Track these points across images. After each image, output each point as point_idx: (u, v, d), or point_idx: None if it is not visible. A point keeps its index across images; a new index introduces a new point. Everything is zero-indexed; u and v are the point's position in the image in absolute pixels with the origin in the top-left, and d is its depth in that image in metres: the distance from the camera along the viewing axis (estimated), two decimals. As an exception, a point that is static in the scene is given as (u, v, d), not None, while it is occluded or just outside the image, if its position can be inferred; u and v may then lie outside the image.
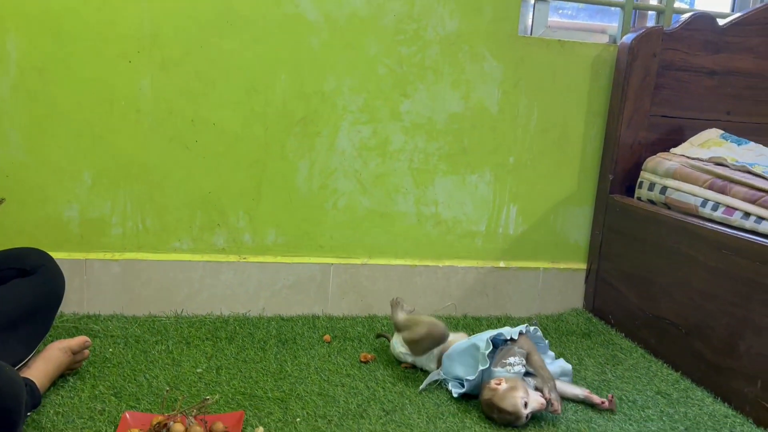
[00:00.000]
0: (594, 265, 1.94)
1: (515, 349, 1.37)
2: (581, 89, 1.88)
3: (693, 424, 1.34)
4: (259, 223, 1.78)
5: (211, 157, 1.72)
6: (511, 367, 1.34)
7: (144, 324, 1.66)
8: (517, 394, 1.26)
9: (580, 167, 1.93)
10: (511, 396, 1.26)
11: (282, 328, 1.69)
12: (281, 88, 1.72)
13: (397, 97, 1.79)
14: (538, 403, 1.27)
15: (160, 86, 1.67)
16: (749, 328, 1.39)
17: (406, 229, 1.87)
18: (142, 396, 1.29)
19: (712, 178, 1.60)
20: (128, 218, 1.72)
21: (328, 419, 1.25)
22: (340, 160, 1.79)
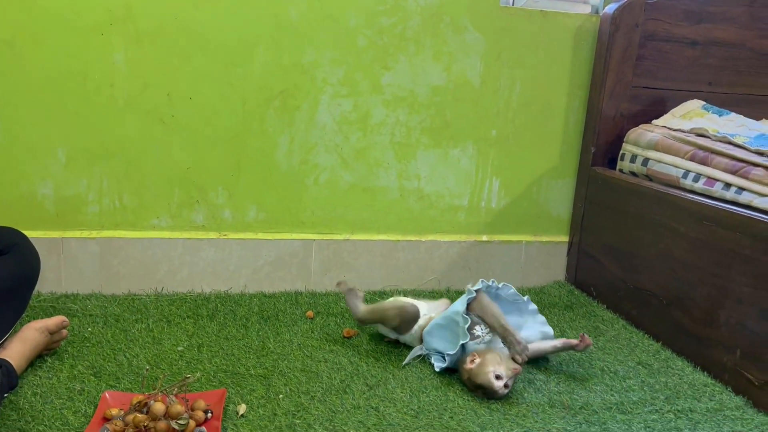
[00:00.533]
0: (576, 237, 1.95)
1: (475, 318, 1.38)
2: (564, 61, 1.87)
3: (673, 393, 1.35)
4: (239, 199, 1.75)
5: (188, 132, 1.69)
6: (480, 339, 1.35)
7: (123, 302, 1.64)
8: (488, 369, 1.27)
9: (563, 140, 1.92)
10: (483, 373, 1.27)
11: (264, 305, 1.68)
12: (259, 61, 1.68)
13: (378, 70, 1.76)
14: (511, 371, 1.27)
15: (134, 60, 1.62)
16: (729, 298, 1.40)
17: (388, 204, 1.86)
18: (122, 375, 1.28)
19: (694, 150, 1.60)
20: (105, 195, 1.69)
21: (311, 395, 1.25)
22: (320, 135, 1.76)
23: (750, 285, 1.35)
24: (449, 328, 1.39)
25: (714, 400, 1.33)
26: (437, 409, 1.23)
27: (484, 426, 1.19)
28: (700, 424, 1.24)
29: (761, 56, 1.89)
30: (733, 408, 1.31)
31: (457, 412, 1.23)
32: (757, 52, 1.88)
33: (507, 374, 1.27)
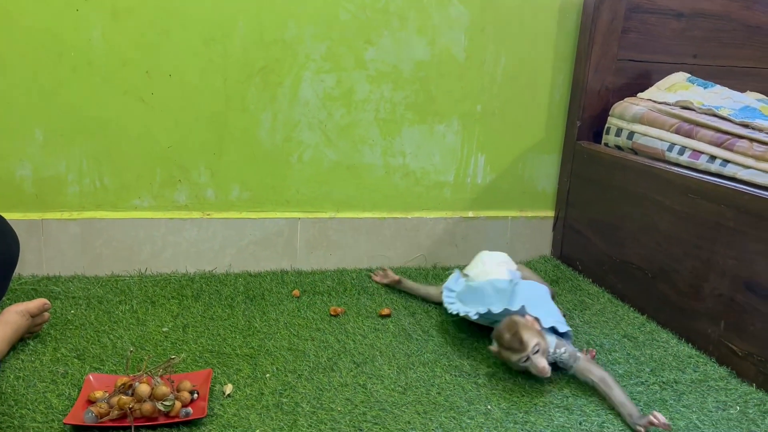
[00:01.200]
0: (562, 212, 1.95)
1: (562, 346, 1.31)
2: (548, 34, 1.85)
3: (658, 365, 1.36)
4: (221, 178, 1.73)
5: (168, 110, 1.66)
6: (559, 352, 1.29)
7: (106, 284, 1.62)
8: (539, 339, 1.24)
9: (548, 114, 1.91)
10: (533, 336, 1.24)
11: (250, 285, 1.67)
12: (240, 36, 1.65)
13: (361, 45, 1.73)
14: (540, 364, 1.22)
15: (111, 36, 1.58)
16: (713, 270, 1.41)
17: (373, 181, 1.84)
18: (106, 357, 1.26)
19: (679, 122, 1.59)
20: (85, 176, 1.66)
21: (298, 374, 1.24)
22: (303, 112, 1.74)
23: (734, 257, 1.36)
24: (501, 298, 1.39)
25: (698, 371, 1.35)
26: (425, 385, 1.23)
27: (471, 401, 1.19)
28: (685, 395, 1.25)
29: (746, 28, 1.88)
30: (717, 378, 1.32)
31: (444, 388, 1.23)
32: (742, 24, 1.87)
33: (538, 359, 1.23)
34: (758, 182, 1.36)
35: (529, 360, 1.23)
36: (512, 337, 1.25)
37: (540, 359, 1.23)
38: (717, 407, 1.21)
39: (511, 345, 1.24)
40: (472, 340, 1.44)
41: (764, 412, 1.20)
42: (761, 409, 1.21)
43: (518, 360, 1.24)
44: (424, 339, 1.43)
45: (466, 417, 1.14)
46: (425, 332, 1.46)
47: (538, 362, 1.22)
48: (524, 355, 1.23)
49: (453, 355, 1.36)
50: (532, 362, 1.23)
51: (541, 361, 1.22)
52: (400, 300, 1.63)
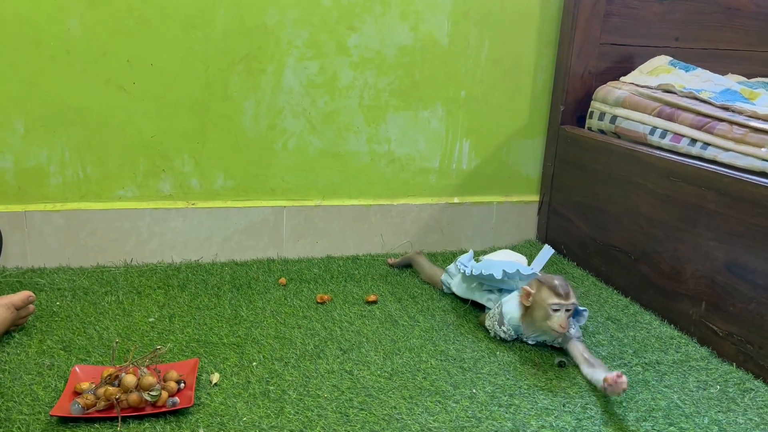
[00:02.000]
0: (546, 196, 1.96)
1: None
2: (532, 18, 1.84)
3: (641, 346, 1.38)
4: (205, 167, 1.72)
5: (150, 99, 1.64)
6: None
7: (92, 275, 1.61)
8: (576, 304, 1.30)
9: (532, 99, 1.92)
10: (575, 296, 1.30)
11: (236, 274, 1.67)
12: (221, 23, 1.63)
13: (344, 31, 1.72)
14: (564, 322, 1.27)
15: (90, 25, 1.56)
16: (695, 252, 1.43)
17: (359, 168, 1.84)
18: (92, 349, 1.26)
19: (661, 106, 1.60)
20: (67, 167, 1.64)
21: (284, 361, 1.25)
22: (287, 99, 1.73)
23: (715, 239, 1.37)
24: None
25: (680, 351, 1.37)
26: (411, 371, 1.24)
27: (457, 385, 1.20)
28: (667, 375, 1.27)
29: (727, 10, 1.89)
30: (699, 359, 1.34)
31: (430, 373, 1.24)
32: (723, 6, 1.88)
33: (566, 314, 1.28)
34: (738, 165, 1.37)
35: (559, 312, 1.28)
36: (562, 283, 1.30)
37: (566, 318, 1.28)
38: (698, 387, 1.24)
39: (557, 289, 1.29)
40: (458, 324, 1.45)
41: (744, 391, 1.23)
42: (741, 388, 1.23)
43: (552, 305, 1.28)
44: (410, 325, 1.44)
45: (451, 401, 1.15)
46: (411, 318, 1.47)
47: (563, 318, 1.28)
48: (562, 304, 1.28)
49: (439, 340, 1.38)
50: (560, 315, 1.28)
51: (565, 319, 1.28)
52: (387, 287, 1.64)
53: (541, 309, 1.30)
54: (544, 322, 1.30)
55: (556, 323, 1.28)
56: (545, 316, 1.29)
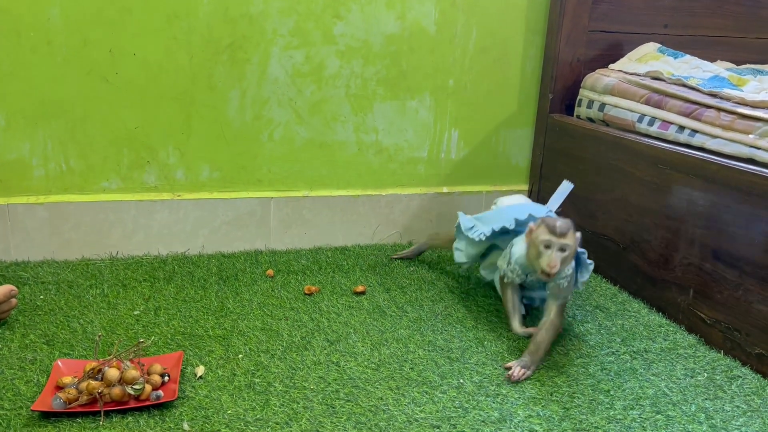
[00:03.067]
0: (535, 185, 1.95)
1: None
2: (519, 5, 1.83)
3: (629, 335, 1.38)
4: (191, 158, 1.70)
5: (133, 90, 1.62)
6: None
7: (77, 268, 1.59)
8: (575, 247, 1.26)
9: (520, 87, 1.90)
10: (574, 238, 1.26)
11: (223, 265, 1.65)
12: (204, 12, 1.61)
13: (330, 19, 1.70)
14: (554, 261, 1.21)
15: (71, 15, 1.54)
16: (682, 240, 1.42)
17: (346, 158, 1.83)
18: (76, 342, 1.25)
19: (649, 93, 1.59)
20: (50, 159, 1.62)
21: (271, 354, 1.24)
22: (273, 89, 1.71)
23: (702, 226, 1.37)
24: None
25: (668, 339, 1.37)
26: (398, 361, 1.24)
27: (444, 375, 1.20)
28: (655, 363, 1.27)
29: (716, -3, 1.88)
30: (686, 346, 1.34)
31: (417, 363, 1.23)
32: (712, -7, 1.87)
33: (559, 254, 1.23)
34: (726, 152, 1.37)
35: (551, 249, 1.23)
36: (563, 223, 1.24)
37: (558, 258, 1.22)
38: (685, 374, 1.23)
39: (555, 228, 1.23)
40: (446, 315, 1.44)
41: (731, 378, 1.23)
42: (728, 375, 1.24)
43: (543, 241, 1.23)
44: (398, 315, 1.43)
45: (438, 391, 1.14)
46: (399, 308, 1.47)
47: (555, 258, 1.22)
48: (553, 241, 1.23)
49: (426, 330, 1.37)
50: (549, 253, 1.23)
51: (557, 260, 1.22)
52: (375, 277, 1.63)
53: (535, 246, 1.25)
54: (536, 261, 1.25)
55: (545, 262, 1.22)
56: (537, 255, 1.25)
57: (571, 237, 1.25)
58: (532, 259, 1.28)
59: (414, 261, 1.76)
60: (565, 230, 1.25)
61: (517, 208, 1.45)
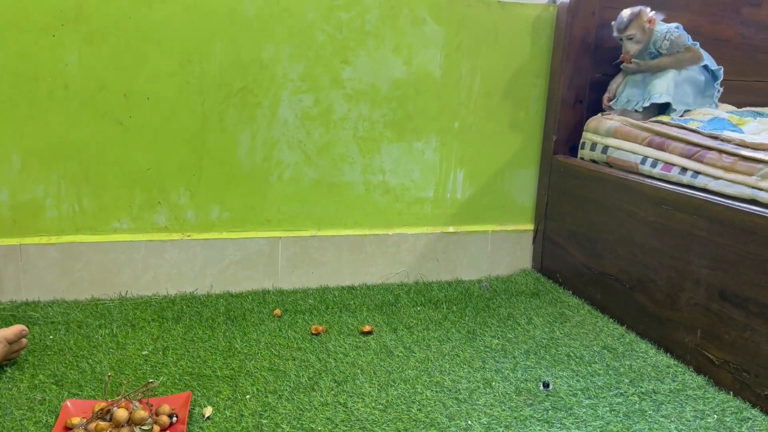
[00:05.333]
0: (541, 225, 1.97)
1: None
2: (523, 50, 1.88)
3: (638, 375, 1.38)
4: (201, 199, 1.73)
5: (147, 132, 1.66)
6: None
7: (86, 308, 1.61)
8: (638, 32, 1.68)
9: (525, 129, 1.94)
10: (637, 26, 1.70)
11: (231, 305, 1.67)
12: (217, 58, 1.66)
13: (338, 64, 1.75)
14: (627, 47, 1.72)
15: (88, 60, 1.59)
16: (688, 280, 1.43)
17: (354, 198, 1.86)
18: (84, 383, 1.25)
19: (651, 136, 1.62)
20: (63, 200, 1.65)
21: (278, 394, 1.24)
22: (282, 131, 1.75)
23: (708, 266, 1.38)
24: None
25: (677, 380, 1.36)
26: (405, 402, 1.24)
27: (452, 416, 1.19)
28: (664, 405, 1.26)
29: (714, 41, 1.92)
30: (695, 387, 1.34)
31: (425, 405, 1.23)
32: (709, 38, 1.92)
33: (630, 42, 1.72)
34: (729, 193, 1.38)
35: (623, 42, 1.71)
36: (620, 20, 1.69)
37: (630, 45, 1.70)
38: (695, 416, 1.23)
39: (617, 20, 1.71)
40: (453, 355, 1.44)
41: (741, 420, 1.22)
42: (738, 417, 1.23)
43: (616, 39, 1.73)
44: (405, 355, 1.43)
45: (446, 433, 1.14)
46: (407, 348, 1.47)
47: (627, 46, 1.71)
48: (616, 36, 1.72)
49: (434, 371, 1.37)
50: (624, 44, 1.71)
51: (630, 47, 1.71)
52: (382, 317, 1.64)
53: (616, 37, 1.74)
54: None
55: (624, 50, 1.71)
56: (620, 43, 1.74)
57: (634, 26, 1.65)
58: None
59: (420, 300, 1.76)
60: (625, 24, 1.67)
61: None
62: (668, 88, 1.67)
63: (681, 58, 1.68)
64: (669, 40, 1.68)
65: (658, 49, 1.70)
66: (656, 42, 1.70)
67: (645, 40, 1.68)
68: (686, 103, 1.70)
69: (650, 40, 1.70)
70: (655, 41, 1.70)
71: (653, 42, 1.70)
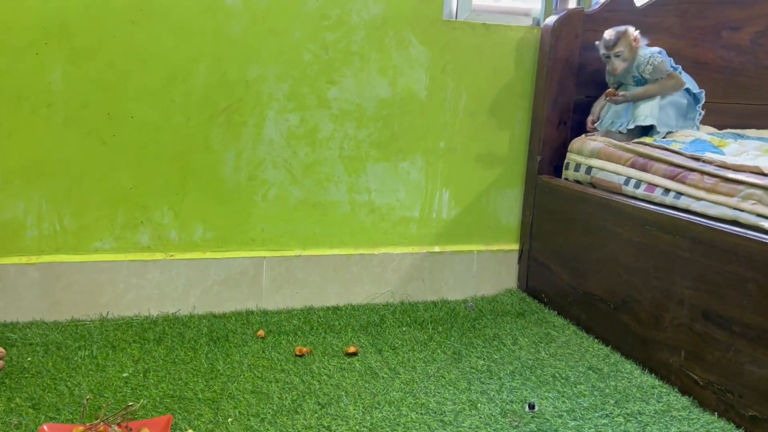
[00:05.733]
0: (526, 245, 1.97)
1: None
2: (507, 72, 1.89)
3: (623, 396, 1.38)
4: (185, 218, 1.72)
5: (130, 151, 1.65)
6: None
7: (66, 329, 1.58)
8: (625, 50, 1.71)
9: (509, 149, 1.95)
10: (624, 44, 1.72)
11: (214, 326, 1.64)
12: (202, 77, 1.66)
13: (324, 84, 1.75)
14: (614, 65, 1.74)
15: (72, 79, 1.58)
16: (672, 300, 1.43)
17: (339, 218, 1.85)
18: (62, 406, 1.23)
19: (634, 157, 1.64)
20: (44, 219, 1.63)
21: (261, 417, 1.22)
22: (268, 150, 1.75)
23: (691, 287, 1.39)
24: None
25: (662, 401, 1.36)
26: (390, 425, 1.22)
27: (437, 439, 1.18)
28: (649, 426, 1.26)
29: (694, 64, 1.95)
30: (680, 408, 1.33)
31: (410, 427, 1.22)
32: (691, 60, 1.95)
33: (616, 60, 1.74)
34: (711, 214, 1.40)
35: (609, 59, 1.73)
36: (609, 37, 1.70)
37: (617, 62, 1.72)
38: (680, 438, 1.22)
39: (604, 38, 1.73)
40: (439, 376, 1.43)
41: (726, 441, 1.22)
42: (723, 438, 1.23)
43: (603, 56, 1.75)
44: (390, 377, 1.42)
45: (431, 456, 1.13)
46: (392, 370, 1.46)
47: (615, 63, 1.73)
48: (604, 53, 1.74)
49: (419, 392, 1.36)
50: (611, 61, 1.73)
51: (617, 64, 1.72)
52: (367, 338, 1.63)
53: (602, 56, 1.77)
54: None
55: (610, 67, 1.74)
56: (606, 61, 1.77)
57: (621, 44, 1.68)
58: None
59: (406, 321, 1.75)
60: (613, 41, 1.69)
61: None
62: (653, 111, 1.70)
63: (664, 85, 1.71)
64: (652, 65, 1.70)
65: (641, 72, 1.72)
66: (639, 66, 1.72)
67: (631, 58, 1.71)
68: (669, 125, 1.73)
69: (635, 60, 1.72)
70: (639, 65, 1.72)
71: (637, 65, 1.72)
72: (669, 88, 1.71)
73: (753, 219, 1.31)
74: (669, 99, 1.73)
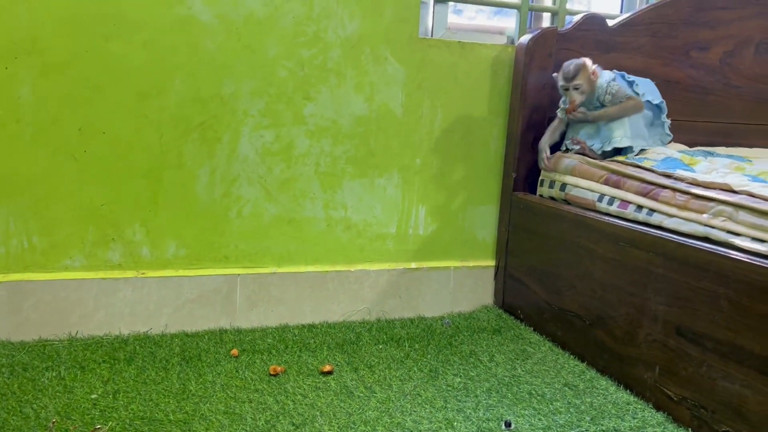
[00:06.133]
0: (502, 261, 1.98)
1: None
2: (482, 89, 1.91)
3: (598, 413, 1.38)
4: (157, 235, 1.69)
5: (101, 167, 1.62)
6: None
7: (33, 350, 1.54)
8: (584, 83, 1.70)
9: (485, 166, 1.96)
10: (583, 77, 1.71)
11: (186, 345, 1.61)
12: (176, 92, 1.64)
13: (300, 101, 1.75)
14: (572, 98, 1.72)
15: (42, 94, 1.55)
16: (646, 316, 1.44)
17: (315, 234, 1.84)
18: (28, 429, 1.19)
19: (607, 174, 1.66)
20: (12, 236, 1.59)
21: (233, 438, 1.20)
22: (242, 167, 1.73)
23: (664, 303, 1.40)
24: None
25: (637, 417, 1.36)
26: (365, 445, 1.20)
27: (413, 459, 1.17)
28: (624, 442, 1.26)
29: (665, 83, 1.99)
30: (655, 424, 1.34)
31: (385, 447, 1.20)
32: (662, 79, 1.98)
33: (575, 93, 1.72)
34: (683, 230, 1.41)
35: (568, 91, 1.71)
36: (568, 69, 1.70)
37: (575, 95, 1.71)
38: (655, 454, 1.22)
39: (563, 71, 1.72)
40: (415, 395, 1.42)
41: (700, 457, 1.22)
42: (697, 454, 1.23)
43: (562, 87, 1.74)
44: (366, 396, 1.40)
45: (407, 477, 1.11)
46: (368, 388, 1.44)
47: (573, 96, 1.72)
48: (562, 85, 1.72)
49: (395, 411, 1.34)
50: (569, 93, 1.72)
51: (575, 96, 1.71)
52: (343, 356, 1.61)
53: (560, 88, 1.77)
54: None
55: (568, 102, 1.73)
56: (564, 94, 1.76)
57: (581, 76, 1.68)
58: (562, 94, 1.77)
59: (382, 338, 1.74)
60: (573, 73, 1.68)
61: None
62: (626, 132, 1.72)
63: (625, 106, 1.73)
64: (611, 94, 1.72)
65: (601, 102, 1.74)
66: (600, 96, 1.73)
67: (589, 91, 1.72)
68: (642, 135, 1.75)
69: (594, 93, 1.74)
70: (599, 95, 1.73)
71: (597, 96, 1.74)
72: (630, 109, 1.73)
73: (723, 236, 1.32)
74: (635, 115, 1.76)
